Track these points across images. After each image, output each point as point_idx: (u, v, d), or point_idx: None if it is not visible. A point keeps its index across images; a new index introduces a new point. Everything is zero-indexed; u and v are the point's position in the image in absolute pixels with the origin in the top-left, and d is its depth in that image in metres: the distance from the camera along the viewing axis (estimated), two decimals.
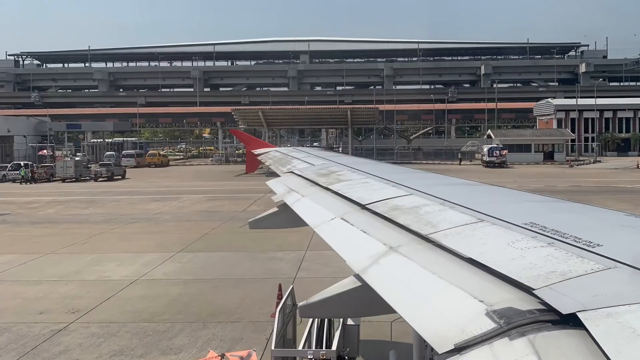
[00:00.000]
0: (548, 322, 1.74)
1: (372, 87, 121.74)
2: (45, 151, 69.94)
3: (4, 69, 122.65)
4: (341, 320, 7.52)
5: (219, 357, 7.22)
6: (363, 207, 4.10)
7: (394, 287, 2.57)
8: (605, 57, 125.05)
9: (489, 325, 1.84)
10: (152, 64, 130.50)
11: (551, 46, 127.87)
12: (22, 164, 50.91)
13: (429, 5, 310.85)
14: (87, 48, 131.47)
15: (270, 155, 10.92)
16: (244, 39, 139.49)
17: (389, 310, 2.49)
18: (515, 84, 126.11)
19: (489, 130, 75.97)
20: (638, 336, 1.51)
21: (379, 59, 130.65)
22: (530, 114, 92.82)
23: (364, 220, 3.77)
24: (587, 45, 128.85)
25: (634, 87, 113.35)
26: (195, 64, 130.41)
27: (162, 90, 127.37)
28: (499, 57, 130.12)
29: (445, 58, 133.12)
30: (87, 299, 13.36)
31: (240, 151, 72.41)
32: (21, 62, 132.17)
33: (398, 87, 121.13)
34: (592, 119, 78.03)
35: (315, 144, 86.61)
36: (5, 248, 19.72)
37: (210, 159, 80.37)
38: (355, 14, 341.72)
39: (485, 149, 62.10)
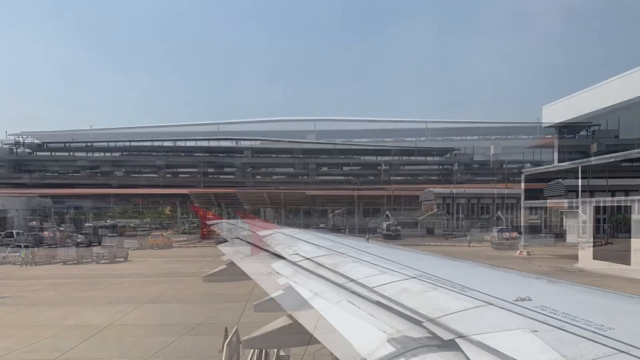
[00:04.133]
0: None
1: (380, 166, 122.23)
2: (46, 232, 69.78)
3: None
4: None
5: None
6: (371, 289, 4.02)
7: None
8: (617, 136, 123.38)
9: None
10: (155, 143, 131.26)
11: (562, 126, 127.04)
12: (22, 246, 50.72)
13: (437, 84, 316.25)
14: (89, 127, 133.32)
15: (274, 237, 10.86)
16: (249, 118, 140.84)
17: None
18: (525, 164, 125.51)
19: (499, 212, 76.23)
20: None
21: (386, 139, 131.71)
22: (541, 194, 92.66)
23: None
24: (599, 125, 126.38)
25: None
26: (198, 143, 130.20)
27: (165, 170, 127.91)
28: (509, 136, 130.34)
29: (455, 137, 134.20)
30: None
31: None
32: (21, 141, 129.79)
33: (406, 167, 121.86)
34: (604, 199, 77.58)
35: (321, 225, 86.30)
36: (5, 331, 19.38)
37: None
38: (361, 93, 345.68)
39: (495, 230, 62.89)
